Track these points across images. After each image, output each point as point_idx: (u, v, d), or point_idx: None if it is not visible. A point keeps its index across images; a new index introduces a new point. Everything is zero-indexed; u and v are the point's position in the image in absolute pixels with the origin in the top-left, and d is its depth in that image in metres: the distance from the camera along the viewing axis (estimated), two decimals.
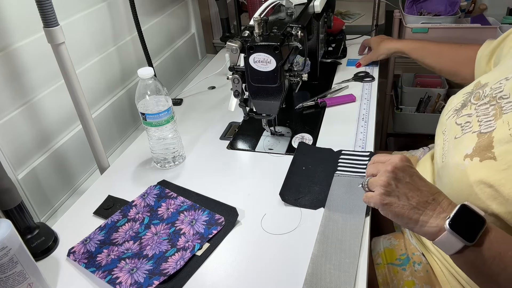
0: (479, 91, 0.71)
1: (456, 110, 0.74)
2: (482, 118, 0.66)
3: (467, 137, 0.65)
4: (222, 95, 1.18)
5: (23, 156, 0.80)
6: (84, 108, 0.81)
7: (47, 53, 0.76)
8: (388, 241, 0.82)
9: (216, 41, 1.62)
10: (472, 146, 0.62)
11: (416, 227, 0.56)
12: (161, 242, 0.70)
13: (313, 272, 0.62)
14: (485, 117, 0.65)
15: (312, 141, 0.93)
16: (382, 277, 0.77)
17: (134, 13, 0.97)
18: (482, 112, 0.67)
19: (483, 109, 0.67)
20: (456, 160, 0.64)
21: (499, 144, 0.59)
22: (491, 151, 0.59)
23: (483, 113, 0.67)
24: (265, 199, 0.77)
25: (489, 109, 0.66)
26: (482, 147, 0.61)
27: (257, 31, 0.77)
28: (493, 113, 0.64)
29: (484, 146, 0.60)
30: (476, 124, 0.66)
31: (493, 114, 0.64)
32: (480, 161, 0.59)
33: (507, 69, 0.71)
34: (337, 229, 0.69)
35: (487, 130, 0.62)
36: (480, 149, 0.61)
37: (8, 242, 0.55)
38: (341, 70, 1.25)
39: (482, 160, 0.59)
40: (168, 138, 0.86)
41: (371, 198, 0.58)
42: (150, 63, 1.06)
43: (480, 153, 0.60)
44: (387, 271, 0.77)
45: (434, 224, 0.54)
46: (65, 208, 0.85)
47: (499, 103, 0.65)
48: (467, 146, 0.63)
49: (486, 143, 0.60)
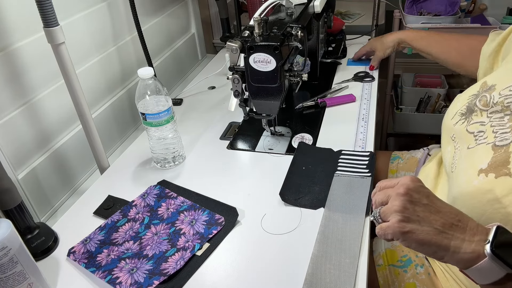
0: (486, 95, 0.67)
1: (463, 115, 0.70)
2: (498, 129, 0.61)
3: (481, 148, 0.61)
4: (222, 95, 1.18)
5: (23, 156, 0.80)
6: (84, 108, 0.81)
7: (47, 53, 0.76)
8: (389, 242, 0.82)
9: (216, 41, 1.62)
10: (488, 161, 0.58)
11: (447, 255, 0.48)
12: (161, 242, 0.70)
13: (313, 272, 0.62)
14: (501, 128, 0.61)
15: (312, 141, 0.93)
16: (383, 279, 0.77)
17: (134, 13, 0.97)
18: (497, 122, 0.62)
19: (498, 119, 0.62)
20: (470, 174, 0.59)
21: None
22: (507, 166, 0.54)
23: (498, 124, 0.62)
24: (265, 199, 0.77)
25: (504, 120, 0.61)
26: (498, 163, 0.56)
27: (257, 31, 0.77)
28: (509, 124, 0.60)
29: (501, 161, 0.56)
30: (491, 135, 0.61)
31: (510, 126, 0.60)
32: (496, 178, 0.55)
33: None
34: (337, 229, 0.69)
35: (503, 143, 0.58)
36: (496, 164, 0.56)
37: (8, 242, 0.55)
38: (341, 70, 1.25)
39: (497, 177, 0.54)
40: (168, 138, 0.86)
41: (388, 228, 0.50)
42: (150, 63, 1.06)
43: (496, 168, 0.56)
44: (388, 273, 0.77)
45: (469, 249, 0.47)
46: (65, 208, 0.85)
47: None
48: (482, 160, 0.59)
49: (503, 158, 0.55)
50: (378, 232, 0.52)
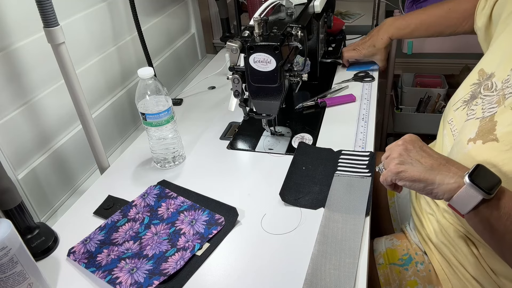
0: (488, 83, 0.70)
1: (465, 102, 0.73)
2: (486, 106, 0.66)
3: (470, 123, 0.67)
4: (222, 95, 1.18)
5: (23, 156, 0.80)
6: (84, 108, 0.81)
7: (47, 53, 0.76)
8: (390, 241, 0.82)
9: (216, 41, 1.62)
10: (475, 130, 0.64)
11: (434, 188, 0.56)
12: (161, 242, 0.70)
13: (313, 272, 0.62)
14: (489, 104, 0.66)
15: (312, 141, 0.93)
16: (384, 278, 0.77)
17: (134, 13, 0.97)
18: (487, 100, 0.67)
19: (488, 98, 0.67)
20: (460, 145, 0.66)
21: (501, 127, 0.60)
22: (493, 133, 0.60)
23: (487, 101, 0.67)
24: (265, 199, 0.77)
25: (493, 98, 0.66)
26: (485, 130, 0.62)
27: (257, 31, 0.77)
28: (496, 99, 0.65)
29: (487, 129, 0.61)
30: (480, 111, 0.67)
31: (497, 101, 0.65)
32: (483, 143, 0.61)
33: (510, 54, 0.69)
34: (337, 229, 0.69)
35: (488, 114, 0.64)
36: (483, 132, 0.62)
37: (8, 242, 0.55)
38: (341, 70, 1.25)
39: (485, 142, 0.60)
40: (168, 138, 0.86)
41: (387, 172, 0.60)
42: (150, 63, 1.06)
43: (483, 136, 0.61)
44: (389, 271, 0.77)
45: (453, 181, 0.55)
46: (65, 208, 0.85)
47: (503, 90, 0.65)
48: (471, 131, 0.65)
49: (488, 127, 0.62)
50: (381, 179, 0.62)
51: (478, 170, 0.54)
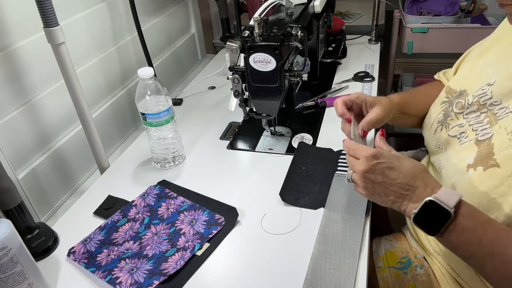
0: (461, 101, 0.71)
1: (440, 122, 0.75)
2: (477, 127, 0.66)
3: (465, 146, 0.66)
4: (222, 95, 1.18)
5: (23, 156, 0.80)
6: (84, 108, 0.81)
7: (47, 53, 0.76)
8: (389, 242, 0.82)
9: (216, 41, 1.62)
10: (473, 156, 0.62)
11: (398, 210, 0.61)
12: (161, 242, 0.70)
13: (313, 272, 0.62)
14: (479, 125, 0.66)
15: (312, 141, 0.93)
16: (383, 281, 0.77)
17: (134, 13, 0.97)
18: (475, 121, 0.67)
19: (474, 117, 0.67)
20: (458, 172, 0.64)
21: (499, 150, 0.58)
22: (493, 158, 0.59)
23: (475, 122, 0.67)
24: (265, 199, 0.77)
25: (481, 117, 0.66)
26: (484, 155, 0.60)
27: (257, 31, 0.77)
28: (487, 120, 0.65)
29: (485, 154, 0.60)
30: (472, 133, 0.66)
31: (488, 122, 0.64)
32: (484, 170, 0.59)
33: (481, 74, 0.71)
34: (337, 229, 0.69)
35: (484, 137, 0.62)
36: (482, 158, 0.60)
37: (8, 242, 0.55)
38: (341, 70, 1.25)
39: (486, 169, 0.59)
40: (168, 138, 0.86)
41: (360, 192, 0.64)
42: (150, 63, 1.06)
43: (483, 161, 0.60)
44: (388, 275, 0.77)
45: (409, 214, 0.59)
46: (65, 208, 0.85)
47: (491, 110, 0.65)
48: (468, 156, 0.63)
49: (486, 151, 0.60)
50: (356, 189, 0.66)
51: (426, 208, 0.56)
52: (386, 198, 0.61)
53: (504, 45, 0.70)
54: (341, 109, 0.75)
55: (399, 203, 0.60)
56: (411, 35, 1.38)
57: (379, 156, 0.60)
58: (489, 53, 0.73)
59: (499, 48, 0.71)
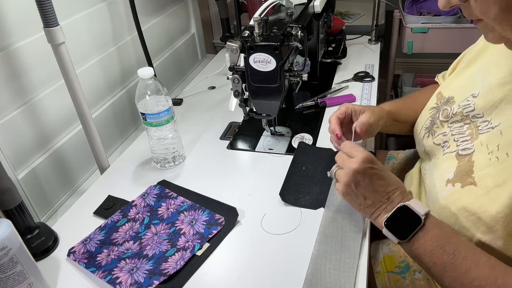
0: (447, 108, 0.72)
1: (427, 129, 0.75)
2: (458, 137, 0.67)
3: (447, 157, 0.67)
4: (222, 95, 1.18)
5: (23, 156, 0.80)
6: (84, 108, 0.81)
7: (47, 53, 0.76)
8: (387, 246, 0.81)
9: (216, 41, 1.62)
10: (453, 170, 0.63)
11: (370, 219, 0.64)
12: (161, 242, 0.70)
13: (313, 272, 0.62)
14: (461, 136, 0.66)
15: (312, 141, 0.93)
16: (382, 286, 0.77)
17: (134, 13, 0.97)
18: (457, 131, 0.68)
19: (458, 128, 0.68)
20: (439, 185, 0.65)
21: (479, 169, 0.59)
22: (471, 175, 0.59)
23: (458, 132, 0.67)
24: (265, 199, 0.77)
25: (464, 128, 0.67)
26: (463, 172, 0.61)
27: (257, 31, 0.77)
28: (469, 132, 0.65)
29: (465, 171, 0.61)
30: (453, 144, 0.67)
31: (469, 134, 0.65)
32: (462, 187, 0.60)
33: (469, 82, 0.71)
34: (337, 229, 0.69)
35: (465, 152, 0.63)
36: (461, 174, 0.61)
37: (8, 242, 0.55)
38: (341, 70, 1.25)
39: (463, 186, 0.60)
40: (168, 138, 0.86)
41: (337, 190, 0.66)
42: (150, 63, 1.06)
43: (461, 178, 0.61)
44: (387, 280, 0.76)
45: (380, 221, 0.62)
46: (65, 208, 0.85)
47: (474, 122, 0.65)
48: (448, 169, 0.64)
49: (466, 168, 0.61)
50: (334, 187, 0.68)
51: (400, 212, 0.59)
52: (364, 201, 0.62)
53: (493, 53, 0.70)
54: (334, 125, 0.77)
55: (374, 208, 0.62)
56: (411, 35, 1.38)
57: (374, 161, 0.63)
58: (478, 60, 0.73)
59: (488, 55, 0.71)
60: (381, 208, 0.62)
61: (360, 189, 0.62)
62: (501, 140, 0.58)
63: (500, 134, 0.59)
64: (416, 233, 0.58)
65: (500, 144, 0.58)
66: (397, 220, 0.59)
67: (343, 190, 0.64)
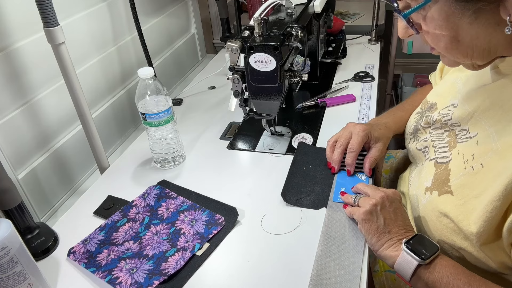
0: (429, 114, 0.73)
1: (412, 134, 0.77)
2: (437, 144, 0.68)
3: (426, 165, 0.68)
4: (222, 95, 1.18)
5: (23, 156, 0.80)
6: (84, 108, 0.81)
7: (47, 53, 0.76)
8: None
9: (216, 41, 1.62)
10: (431, 178, 0.64)
11: (380, 249, 0.62)
12: (161, 242, 0.70)
13: (318, 273, 0.61)
14: (439, 143, 0.67)
15: (312, 141, 0.93)
16: (379, 285, 0.77)
17: (134, 13, 0.97)
18: (437, 138, 0.69)
19: (438, 134, 0.69)
20: (419, 193, 0.67)
21: (454, 178, 0.60)
22: (448, 184, 0.60)
23: (437, 139, 0.68)
24: (265, 199, 0.77)
25: (443, 135, 0.68)
26: (440, 180, 0.62)
27: (257, 31, 0.77)
28: (447, 140, 0.66)
29: (442, 179, 0.62)
30: (432, 150, 0.68)
31: (448, 142, 0.66)
32: (439, 195, 0.61)
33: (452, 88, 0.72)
34: (340, 228, 0.69)
35: (443, 160, 0.64)
36: (438, 182, 0.62)
37: (8, 242, 0.55)
38: (341, 70, 1.25)
39: (440, 194, 0.61)
40: (168, 138, 0.86)
41: (356, 212, 0.66)
42: (150, 63, 1.06)
43: (438, 186, 0.62)
44: (384, 279, 0.77)
45: (395, 249, 0.60)
46: (65, 208, 0.85)
47: (453, 130, 0.66)
48: (427, 177, 0.65)
49: (443, 176, 0.62)
50: (348, 210, 0.69)
51: (417, 238, 0.60)
52: (384, 226, 0.62)
53: None
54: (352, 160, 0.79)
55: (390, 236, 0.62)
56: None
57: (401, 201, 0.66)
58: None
59: None
60: (395, 238, 0.62)
61: (384, 212, 0.63)
62: (476, 149, 0.59)
63: (476, 144, 0.60)
64: (436, 257, 0.57)
65: (475, 153, 0.59)
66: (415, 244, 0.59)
67: (368, 209, 0.64)
